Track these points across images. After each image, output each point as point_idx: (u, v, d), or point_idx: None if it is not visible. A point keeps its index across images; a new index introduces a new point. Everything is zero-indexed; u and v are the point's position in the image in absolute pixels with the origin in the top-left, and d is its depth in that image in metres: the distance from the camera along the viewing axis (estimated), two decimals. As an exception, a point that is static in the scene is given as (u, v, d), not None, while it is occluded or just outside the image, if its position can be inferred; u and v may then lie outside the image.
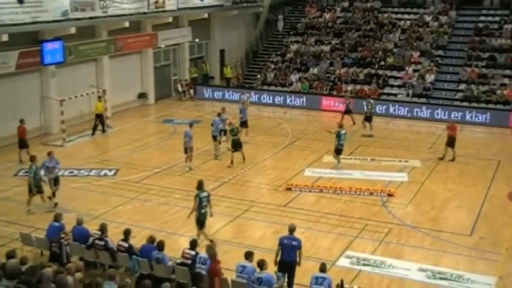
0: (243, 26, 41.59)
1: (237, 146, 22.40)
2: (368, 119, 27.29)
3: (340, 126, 22.95)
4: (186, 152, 22.05)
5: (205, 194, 15.80)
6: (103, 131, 27.16)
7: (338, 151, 22.45)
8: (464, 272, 14.58)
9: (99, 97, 27.33)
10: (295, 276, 13.09)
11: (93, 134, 26.77)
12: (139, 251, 13.53)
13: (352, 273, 14.52)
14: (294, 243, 13.10)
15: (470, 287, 14.02)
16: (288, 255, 13.04)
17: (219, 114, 23.95)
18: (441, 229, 17.24)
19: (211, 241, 15.23)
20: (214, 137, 23.47)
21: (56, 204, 18.40)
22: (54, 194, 18.66)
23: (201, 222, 15.73)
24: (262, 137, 26.69)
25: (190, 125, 22.98)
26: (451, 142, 23.49)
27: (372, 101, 28.28)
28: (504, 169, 22.70)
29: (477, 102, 31.14)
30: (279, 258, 13.07)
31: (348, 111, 28.59)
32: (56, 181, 18.90)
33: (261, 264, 12.03)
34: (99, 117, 26.93)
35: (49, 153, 19.25)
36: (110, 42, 29.98)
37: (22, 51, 25.02)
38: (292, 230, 13.30)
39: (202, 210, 15.67)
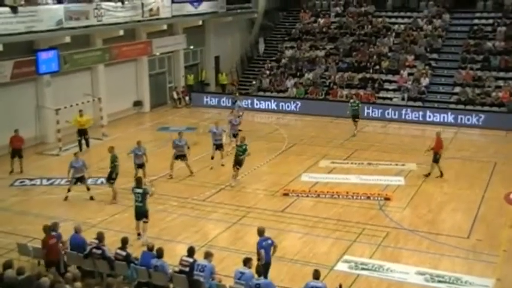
0: (238, 33, 41.64)
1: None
2: (354, 117, 28.30)
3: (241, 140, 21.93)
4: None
5: (139, 190, 16.58)
6: (87, 145, 25.98)
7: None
8: (462, 275, 14.58)
9: (80, 111, 25.94)
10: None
11: (80, 149, 25.15)
12: (139, 258, 13.53)
13: (351, 277, 14.52)
14: (269, 241, 13.59)
15: (468, 289, 14.05)
16: (268, 255, 13.42)
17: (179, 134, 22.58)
18: (438, 232, 17.26)
19: (138, 234, 16.49)
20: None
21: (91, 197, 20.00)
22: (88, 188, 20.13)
23: (135, 215, 16.72)
24: (258, 143, 26.66)
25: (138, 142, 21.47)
26: (437, 158, 22.13)
27: (356, 101, 29.24)
28: (500, 171, 22.75)
29: (472, 105, 31.23)
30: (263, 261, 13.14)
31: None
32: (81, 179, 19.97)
33: (259, 272, 12.05)
34: (83, 133, 25.76)
35: (75, 154, 20.53)
36: (105, 51, 30.00)
37: (17, 61, 25.02)
38: (262, 232, 13.72)
39: (136, 204, 16.61)
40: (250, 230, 17.68)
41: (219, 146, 23.16)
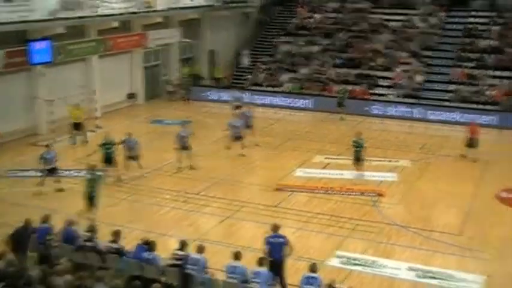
0: (233, 27, 41.51)
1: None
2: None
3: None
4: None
5: (88, 176, 17.39)
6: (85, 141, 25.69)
7: None
8: (453, 271, 14.63)
9: (76, 104, 26.01)
10: (285, 272, 13.20)
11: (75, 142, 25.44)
12: (131, 251, 13.46)
13: (343, 273, 14.53)
14: (281, 240, 13.27)
15: (459, 285, 14.08)
16: (277, 254, 13.15)
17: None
18: (431, 229, 17.27)
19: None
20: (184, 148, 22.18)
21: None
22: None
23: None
24: (252, 137, 26.62)
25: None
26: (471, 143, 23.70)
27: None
28: (492, 169, 22.78)
29: (466, 103, 31.27)
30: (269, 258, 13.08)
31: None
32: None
33: (262, 263, 12.26)
34: (78, 126, 25.56)
35: (47, 146, 20.42)
36: (99, 42, 29.82)
37: (9, 50, 24.81)
38: (276, 228, 13.48)
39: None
40: (244, 224, 17.73)
41: (238, 138, 23.57)
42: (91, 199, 17.21)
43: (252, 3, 41.87)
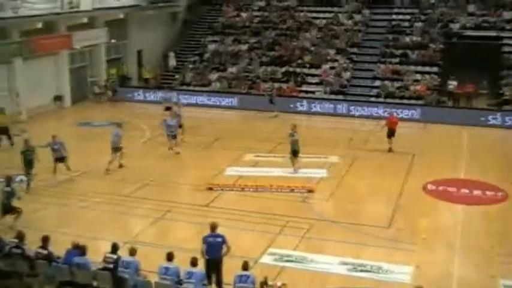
0: (161, 26, 41.18)
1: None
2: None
3: None
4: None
5: (7, 189, 17.11)
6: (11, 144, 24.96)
7: None
8: (383, 263, 14.98)
9: (1, 109, 25.54)
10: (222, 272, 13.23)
11: None
12: (63, 256, 13.20)
13: (276, 269, 14.67)
14: (219, 239, 13.26)
15: (388, 277, 14.45)
16: (214, 253, 13.16)
17: (119, 125, 22.71)
18: (360, 222, 17.66)
19: None
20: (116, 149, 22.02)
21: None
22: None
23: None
24: (182, 137, 26.53)
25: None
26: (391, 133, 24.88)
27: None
28: (418, 162, 23.48)
29: (391, 98, 32.14)
30: (206, 257, 13.15)
31: None
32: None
33: (194, 263, 12.24)
34: (2, 131, 25.01)
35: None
36: (23, 44, 28.97)
37: None
38: (214, 227, 13.45)
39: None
40: (175, 225, 17.68)
41: (174, 137, 23.83)
42: (6, 208, 16.98)
43: (178, 2, 41.70)
